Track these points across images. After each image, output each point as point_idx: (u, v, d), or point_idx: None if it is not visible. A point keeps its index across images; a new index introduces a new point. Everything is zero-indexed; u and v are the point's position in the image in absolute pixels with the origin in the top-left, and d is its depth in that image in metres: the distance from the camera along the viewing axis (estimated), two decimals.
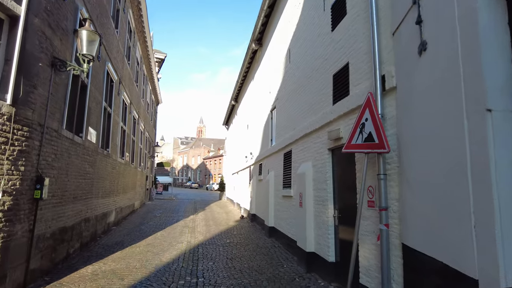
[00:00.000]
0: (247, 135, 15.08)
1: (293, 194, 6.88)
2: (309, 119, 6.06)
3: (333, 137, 4.77)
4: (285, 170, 7.69)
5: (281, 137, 8.27)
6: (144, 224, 11.23)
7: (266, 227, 9.00)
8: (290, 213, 7.03)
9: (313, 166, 5.71)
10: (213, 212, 15.60)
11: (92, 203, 7.66)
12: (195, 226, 11.05)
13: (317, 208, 5.45)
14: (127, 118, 12.17)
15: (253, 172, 12.78)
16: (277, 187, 8.46)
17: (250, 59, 13.56)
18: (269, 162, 9.72)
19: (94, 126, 7.50)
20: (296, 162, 6.80)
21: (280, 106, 8.53)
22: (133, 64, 13.28)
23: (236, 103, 19.64)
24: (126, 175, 12.30)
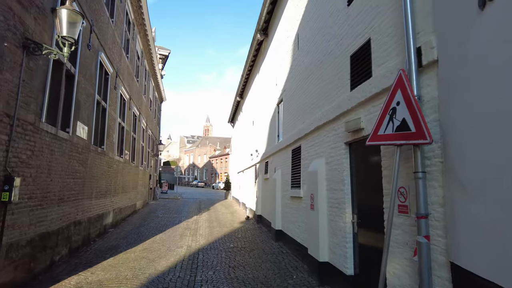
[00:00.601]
0: (252, 132, 14.38)
1: (302, 195, 6.16)
2: (321, 109, 5.33)
3: (351, 129, 4.03)
4: (293, 168, 6.97)
5: (288, 132, 7.55)
6: (144, 225, 10.63)
7: (273, 230, 8.30)
8: (300, 216, 6.31)
9: (327, 163, 4.97)
10: (218, 213, 14.96)
11: (84, 204, 7.06)
12: (197, 228, 10.41)
13: (331, 211, 4.73)
14: (126, 114, 11.58)
15: (259, 171, 12.08)
16: (284, 187, 7.74)
17: (255, 51, 12.83)
18: (275, 159, 9.00)
19: (85, 121, 6.89)
20: (306, 159, 6.08)
21: (288, 99, 7.80)
22: (133, 58, 12.69)
23: (241, 99, 18.94)
24: (125, 174, 11.72)
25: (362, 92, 3.85)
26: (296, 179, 6.67)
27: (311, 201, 5.27)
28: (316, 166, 5.20)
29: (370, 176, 3.83)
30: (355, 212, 4.21)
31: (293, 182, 6.92)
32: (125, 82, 11.11)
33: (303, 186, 6.16)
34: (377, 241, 3.67)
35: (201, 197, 27.25)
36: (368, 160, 3.94)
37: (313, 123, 5.56)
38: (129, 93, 11.90)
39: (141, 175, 15.81)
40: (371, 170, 3.81)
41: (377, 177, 3.57)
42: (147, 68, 17.06)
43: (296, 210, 6.62)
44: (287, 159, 7.55)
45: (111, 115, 9.22)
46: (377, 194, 3.56)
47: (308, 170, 5.57)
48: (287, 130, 7.70)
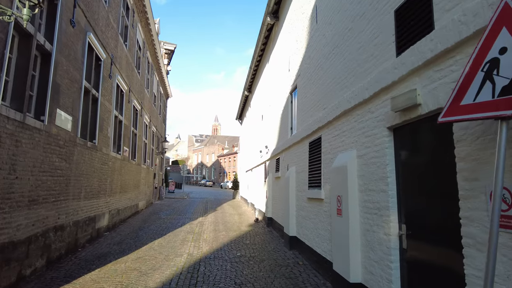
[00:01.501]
0: (262, 127, 13.32)
1: (324, 197, 5.06)
2: (350, 89, 4.23)
3: (400, 106, 2.93)
4: (311, 164, 5.88)
5: (304, 123, 6.45)
6: (144, 228, 9.69)
7: (286, 236, 7.22)
8: (321, 222, 5.22)
9: (359, 157, 3.87)
10: (225, 214, 13.95)
11: (69, 206, 6.12)
12: (201, 231, 9.41)
13: (367, 219, 3.62)
14: (125, 107, 10.67)
15: (269, 169, 11.00)
16: (300, 186, 6.65)
17: (265, 39, 11.74)
18: (288, 155, 7.92)
19: (69, 110, 5.94)
20: (328, 153, 4.98)
21: (303, 84, 6.70)
22: (133, 47, 11.77)
23: (250, 93, 17.88)
24: (124, 172, 10.81)
25: (418, 53, 2.74)
26: (315, 178, 5.58)
27: (337, 205, 4.18)
28: (344, 161, 4.10)
29: (431, 172, 2.72)
30: (402, 221, 3.10)
31: (311, 181, 5.83)
32: (123, 71, 10.19)
33: (324, 186, 5.06)
34: (439, 263, 2.58)
35: (208, 197, 26.33)
36: (426, 150, 2.83)
37: (339, 107, 4.46)
38: (128, 84, 10.98)
39: (144, 174, 14.93)
40: (433, 163, 2.70)
41: (443, 173, 2.47)
42: (150, 60, 16.16)
43: (315, 214, 5.53)
44: (303, 154, 6.46)
45: (105, 106, 8.29)
46: (442, 197, 2.47)
47: (332, 166, 4.47)
48: (303, 120, 6.60)
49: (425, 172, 2.81)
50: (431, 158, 2.74)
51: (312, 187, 5.71)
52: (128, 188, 11.62)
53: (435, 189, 2.65)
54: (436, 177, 2.64)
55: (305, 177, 6.25)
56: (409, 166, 3.06)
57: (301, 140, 6.58)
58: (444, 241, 2.55)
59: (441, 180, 2.57)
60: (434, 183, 2.67)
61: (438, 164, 2.63)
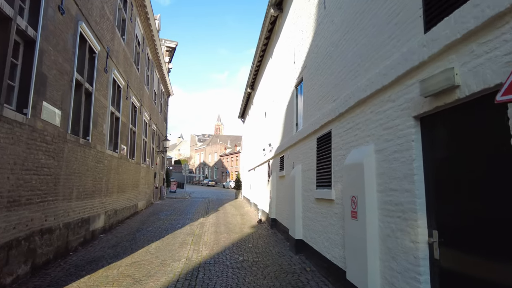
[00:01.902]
0: (265, 124, 12.85)
1: (334, 197, 4.58)
2: (365, 76, 3.75)
3: (433, 90, 2.45)
4: (319, 161, 5.40)
5: (311, 117, 5.98)
6: (142, 230, 9.26)
7: (292, 239, 6.75)
8: (331, 225, 4.74)
9: (378, 152, 3.39)
10: (227, 214, 13.50)
11: (58, 207, 5.69)
12: (202, 233, 8.96)
13: (388, 223, 3.15)
14: (123, 103, 10.25)
15: (273, 167, 10.54)
16: (306, 186, 6.18)
17: (268, 32, 11.28)
18: (294, 153, 7.45)
19: (58, 104, 5.51)
20: (340, 149, 4.50)
21: (310, 76, 6.23)
22: (131, 42, 11.35)
23: (252, 90, 17.42)
24: (122, 171, 10.39)
25: (455, 25, 2.26)
26: (324, 176, 5.10)
27: (352, 207, 3.70)
28: (359, 157, 3.63)
29: (473, 168, 2.25)
30: (433, 226, 2.63)
31: (319, 180, 5.35)
32: (120, 66, 9.76)
33: (335, 185, 4.58)
34: (484, 278, 2.10)
35: (210, 197, 25.91)
36: (465, 141, 2.35)
37: (352, 98, 3.98)
38: (126, 80, 10.56)
39: (143, 173, 14.52)
40: (475, 158, 2.22)
41: (493, 169, 1.99)
42: (150, 57, 15.75)
43: (324, 216, 5.05)
44: (310, 151, 5.99)
45: (100, 101, 7.86)
46: (489, 198, 2.00)
47: (345, 164, 3.99)
48: (310, 115, 6.13)
49: (464, 168, 2.33)
50: (472, 151, 2.26)
51: (321, 187, 5.23)
52: (126, 187, 11.21)
53: (479, 189, 2.17)
54: (481, 174, 2.16)
55: (312, 175, 5.78)
56: (441, 161, 2.58)
57: (307, 136, 6.10)
58: (491, 251, 2.07)
59: (489, 178, 2.09)
60: (477, 181, 2.19)
61: (483, 158, 2.15)
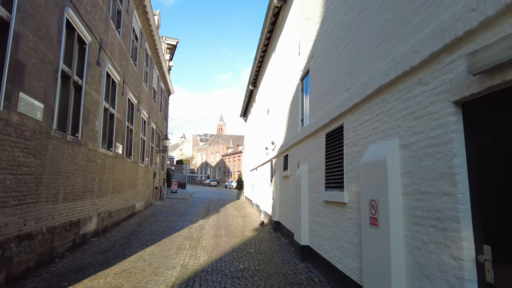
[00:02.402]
0: (267, 122, 12.30)
1: (347, 200, 4.03)
2: (387, 58, 3.19)
3: (486, 65, 1.89)
4: (329, 160, 4.84)
5: (319, 111, 5.42)
6: (137, 233, 8.75)
7: (297, 244, 6.19)
8: (343, 231, 4.19)
9: (403, 147, 2.84)
10: (228, 216, 12.96)
11: (41, 209, 5.18)
12: (201, 237, 8.43)
13: (417, 233, 2.59)
14: (118, 100, 9.74)
15: (276, 167, 9.98)
16: (314, 187, 5.62)
17: (271, 25, 10.73)
18: (299, 151, 6.89)
19: (40, 96, 5.00)
20: (354, 145, 3.94)
21: (318, 65, 5.67)
22: (127, 36, 10.84)
23: (255, 87, 16.88)
24: (117, 171, 9.89)
25: None
26: (335, 177, 4.54)
27: (371, 212, 3.14)
28: (380, 154, 3.07)
29: None
30: (483, 239, 2.06)
31: (329, 181, 4.79)
32: (115, 60, 9.25)
33: (348, 187, 4.02)
34: None
35: (212, 197, 25.40)
36: None
37: (370, 84, 3.42)
38: (122, 75, 10.06)
39: (142, 173, 14.02)
40: None
41: None
42: (149, 53, 15.25)
43: (335, 221, 4.49)
44: (318, 148, 5.43)
45: (91, 96, 7.35)
46: None
47: (362, 162, 3.42)
48: (318, 108, 5.57)
49: None
50: None
51: (331, 188, 4.67)
52: (123, 188, 10.70)
53: None
54: None
55: (320, 176, 5.22)
56: (491, 156, 2.02)
57: (315, 132, 5.55)
58: None
59: None
60: None
61: None
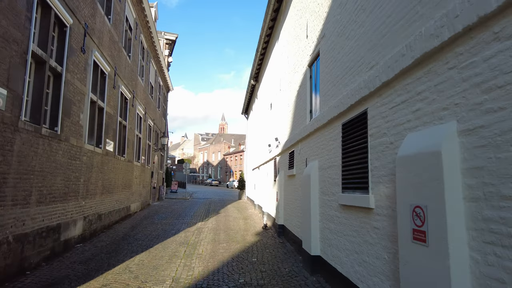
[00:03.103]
0: (270, 117, 11.49)
1: (374, 205, 3.21)
2: (433, 16, 2.37)
3: None
4: (346, 155, 4.03)
5: (333, 98, 4.61)
6: (129, 237, 7.97)
7: (306, 254, 5.38)
8: (367, 243, 3.37)
9: (464, 134, 2.02)
10: (228, 218, 12.17)
11: (5, 215, 4.40)
12: (197, 242, 7.64)
13: (496, 256, 1.77)
14: (109, 92, 8.97)
15: (280, 165, 9.18)
16: (326, 188, 4.80)
17: (274, 12, 9.91)
18: (307, 146, 6.08)
19: (1, 80, 4.22)
20: (382, 135, 3.13)
21: (330, 45, 4.86)
22: (119, 24, 10.06)
23: (257, 82, 16.07)
24: (108, 170, 9.12)
25: None
26: (355, 175, 3.72)
27: (414, 223, 2.32)
28: (428, 143, 2.25)
29: None
30: None
31: (347, 181, 3.97)
32: (105, 49, 8.47)
33: (376, 188, 3.21)
34: None
35: (212, 197, 24.63)
36: None
37: (408, 54, 2.61)
38: (113, 66, 9.28)
39: (138, 172, 13.26)
40: None
41: None
42: (145, 46, 14.47)
43: (356, 230, 3.68)
44: (332, 142, 4.62)
45: (75, 86, 6.57)
46: None
47: (399, 156, 2.60)
48: (331, 95, 4.75)
49: None
50: None
51: (350, 190, 3.86)
52: (115, 188, 9.94)
53: None
54: None
55: (335, 175, 4.40)
56: None
57: (328, 124, 4.73)
58: None
59: None
60: None
61: None
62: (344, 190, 4.02)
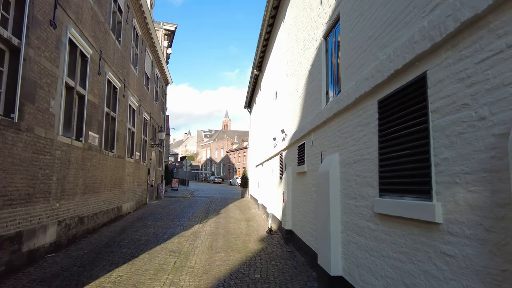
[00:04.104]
0: (275, 108, 10.33)
1: (442, 219, 2.05)
2: None
3: None
4: (387, 144, 2.86)
5: (362, 69, 3.44)
6: (113, 244, 6.91)
7: (323, 272, 4.23)
8: (433, 277, 2.22)
9: None
10: (229, 219, 11.06)
11: None
12: (191, 250, 6.54)
13: None
14: (92, 79, 7.87)
15: (287, 161, 8.03)
16: (353, 189, 3.64)
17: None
18: (323, 136, 4.92)
19: None
20: (457, 109, 1.96)
21: (356, 2, 3.67)
22: (104, 3, 8.91)
23: (260, 72, 14.89)
24: (92, 167, 8.05)
25: None
26: (404, 172, 2.56)
27: None
28: None
29: None
30: None
31: (389, 180, 2.80)
32: (85, 28, 7.36)
33: (446, 192, 2.04)
34: None
35: (214, 195, 23.59)
36: None
37: None
38: (97, 48, 8.17)
39: (130, 169, 12.19)
40: None
41: None
42: (139, 32, 13.34)
43: (404, 253, 2.52)
44: (361, 127, 3.46)
45: (40, 65, 5.47)
46: None
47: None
48: (359, 66, 3.58)
49: None
50: None
51: (395, 193, 2.70)
52: (102, 187, 8.88)
53: None
54: None
55: (366, 171, 3.25)
56: None
57: (355, 104, 3.57)
58: None
59: None
60: None
61: None
62: (383, 194, 2.86)
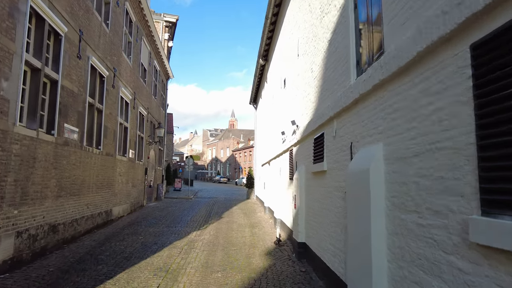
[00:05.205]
0: (284, 98, 9.01)
1: None
2: None
3: None
4: (489, 119, 1.54)
5: (430, 4, 2.12)
6: (89, 258, 5.69)
7: None
8: None
9: None
10: (231, 225, 9.78)
11: None
12: (182, 268, 5.28)
13: None
14: (68, 62, 6.68)
15: (299, 158, 6.71)
16: (411, 197, 2.32)
17: None
18: (353, 122, 3.61)
19: None
20: None
21: None
22: None
23: (266, 61, 13.57)
24: (70, 165, 6.85)
25: None
26: None
27: None
28: None
29: None
30: None
31: (502, 186, 1.49)
32: (60, 2, 6.16)
33: None
34: None
35: (218, 196, 22.36)
36: None
37: None
38: (76, 28, 6.97)
39: (123, 169, 11.01)
40: None
41: None
42: (133, 18, 12.14)
43: None
44: (434, 98, 2.13)
45: None
46: None
47: None
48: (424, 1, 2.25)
49: None
50: None
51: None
52: (84, 189, 7.69)
53: None
54: None
55: (443, 168, 1.93)
56: None
57: (418, 60, 2.24)
58: None
59: None
60: None
61: None
62: (490, 210, 1.54)
